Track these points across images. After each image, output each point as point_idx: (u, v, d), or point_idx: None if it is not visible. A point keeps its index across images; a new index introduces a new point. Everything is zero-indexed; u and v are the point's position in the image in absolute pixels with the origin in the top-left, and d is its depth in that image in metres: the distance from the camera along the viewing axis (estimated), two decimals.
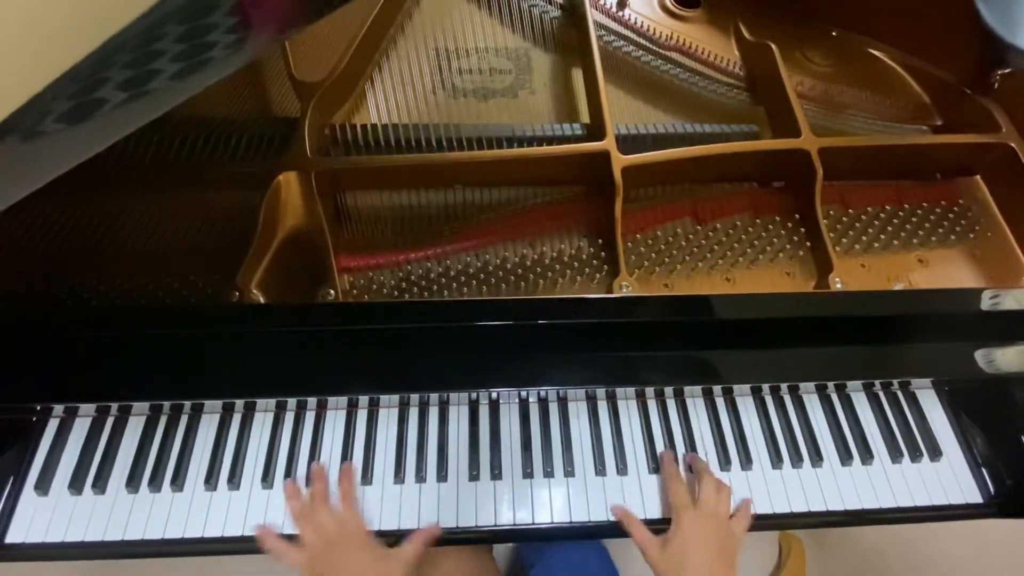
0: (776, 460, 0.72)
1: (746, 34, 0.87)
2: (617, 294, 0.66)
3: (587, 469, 0.71)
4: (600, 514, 0.69)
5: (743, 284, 0.72)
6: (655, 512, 0.69)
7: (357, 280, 0.70)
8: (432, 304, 0.67)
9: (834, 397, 0.77)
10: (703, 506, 0.64)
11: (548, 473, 0.70)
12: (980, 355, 0.70)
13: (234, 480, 0.69)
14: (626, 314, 0.66)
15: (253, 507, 0.68)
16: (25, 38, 0.28)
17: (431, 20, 0.84)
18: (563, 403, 0.75)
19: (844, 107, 0.84)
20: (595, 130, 0.74)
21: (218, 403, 0.72)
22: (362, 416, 0.73)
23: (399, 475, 0.69)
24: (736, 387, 0.76)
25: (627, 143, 0.71)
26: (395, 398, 0.73)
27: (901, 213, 0.78)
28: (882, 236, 0.76)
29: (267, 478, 0.69)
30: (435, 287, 0.69)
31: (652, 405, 0.76)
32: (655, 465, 0.71)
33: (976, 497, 0.72)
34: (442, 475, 0.70)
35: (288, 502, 0.66)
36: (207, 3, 0.32)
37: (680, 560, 0.61)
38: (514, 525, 0.69)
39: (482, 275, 0.70)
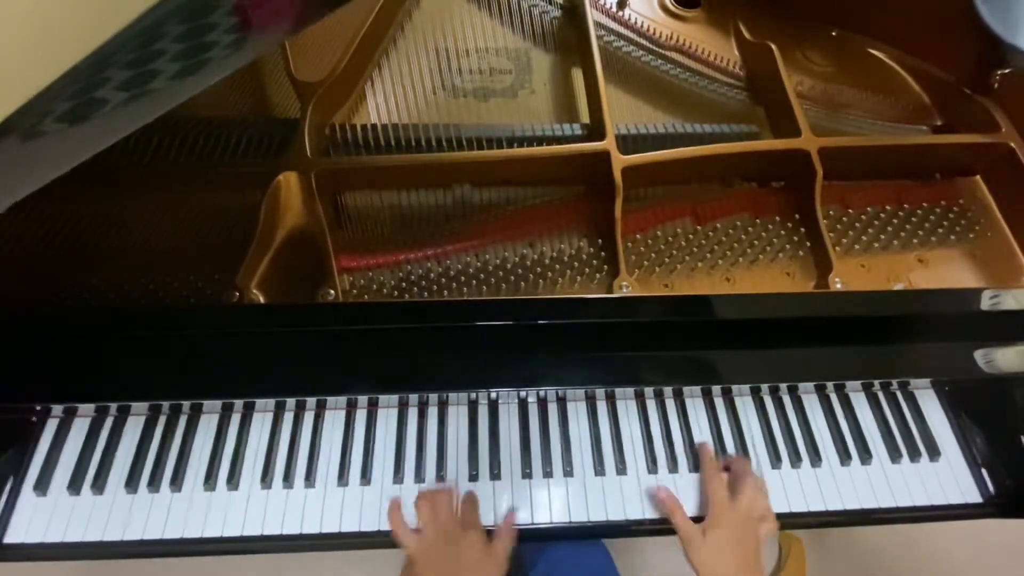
0: (775, 460, 0.72)
1: (746, 34, 0.87)
2: (617, 294, 0.66)
3: (586, 469, 0.71)
4: (599, 514, 0.69)
5: (743, 284, 0.72)
6: (655, 512, 0.69)
7: (357, 280, 0.70)
8: (432, 304, 0.67)
9: (833, 397, 0.77)
10: (741, 505, 0.64)
11: (547, 473, 0.71)
12: (980, 355, 0.70)
13: (233, 480, 0.69)
14: (626, 314, 0.66)
15: (252, 507, 0.68)
16: (25, 38, 0.28)
17: (431, 20, 0.84)
18: (562, 403, 0.75)
19: (844, 107, 0.84)
20: (595, 130, 0.74)
21: (217, 403, 0.72)
22: (361, 416, 0.73)
23: (398, 475, 0.69)
24: (735, 387, 0.76)
25: (627, 143, 0.71)
26: (394, 398, 0.73)
27: (901, 213, 0.78)
28: (882, 236, 0.76)
29: (266, 478, 0.69)
30: (435, 287, 0.69)
31: (651, 405, 0.76)
32: (654, 466, 0.71)
33: (975, 497, 0.72)
34: (441, 475, 0.70)
35: (418, 501, 0.65)
36: (207, 3, 0.32)
37: (716, 557, 0.61)
38: (513, 525, 0.68)
39: (482, 275, 0.70)
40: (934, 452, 0.74)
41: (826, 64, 0.88)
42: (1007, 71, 0.77)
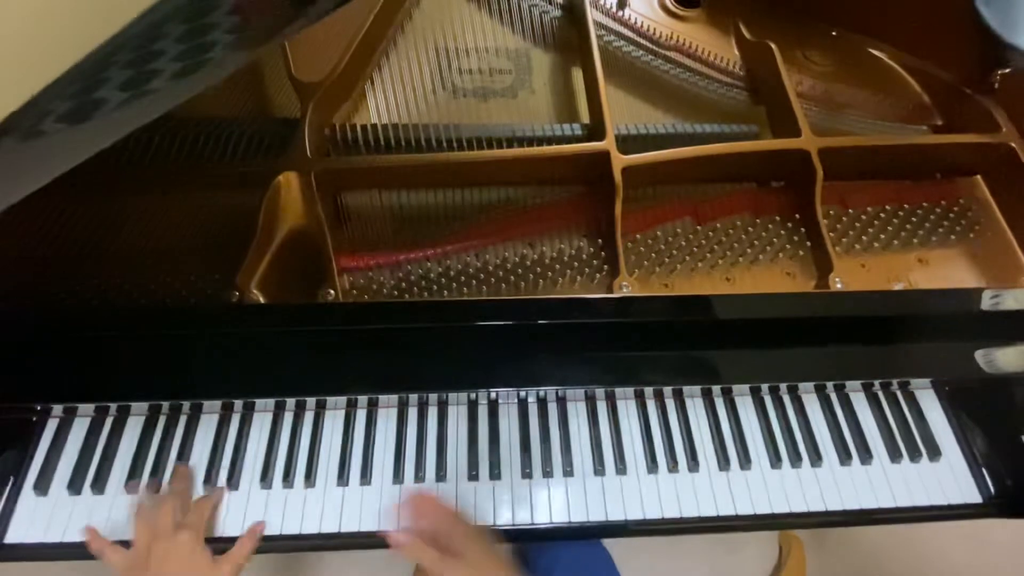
0: (775, 460, 0.72)
1: (746, 34, 0.87)
2: (617, 294, 0.66)
3: (586, 469, 0.71)
4: (599, 514, 0.69)
5: (743, 284, 0.72)
6: (655, 512, 0.69)
7: (357, 280, 0.70)
8: (432, 304, 0.67)
9: (833, 397, 0.77)
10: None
11: (547, 473, 0.70)
12: (980, 355, 0.70)
13: (233, 480, 0.69)
14: (626, 314, 0.66)
15: (251, 507, 0.68)
16: (26, 37, 0.28)
17: (431, 20, 0.84)
18: (562, 403, 0.75)
19: (844, 107, 0.84)
20: (595, 130, 0.74)
21: (217, 403, 0.72)
22: (361, 416, 0.73)
23: (398, 475, 0.69)
24: (735, 387, 0.76)
25: (627, 143, 0.71)
26: (394, 398, 0.73)
27: (901, 213, 0.78)
28: (882, 236, 0.76)
29: (266, 478, 0.69)
30: (435, 287, 0.69)
31: (651, 405, 0.75)
32: (654, 465, 0.71)
33: (975, 497, 0.72)
34: (441, 475, 0.70)
35: (134, 518, 0.62)
36: (207, 3, 0.32)
37: None
38: (513, 525, 0.68)
39: (482, 275, 0.70)
40: (934, 452, 0.73)
41: (826, 64, 0.88)
42: (1007, 71, 0.77)
